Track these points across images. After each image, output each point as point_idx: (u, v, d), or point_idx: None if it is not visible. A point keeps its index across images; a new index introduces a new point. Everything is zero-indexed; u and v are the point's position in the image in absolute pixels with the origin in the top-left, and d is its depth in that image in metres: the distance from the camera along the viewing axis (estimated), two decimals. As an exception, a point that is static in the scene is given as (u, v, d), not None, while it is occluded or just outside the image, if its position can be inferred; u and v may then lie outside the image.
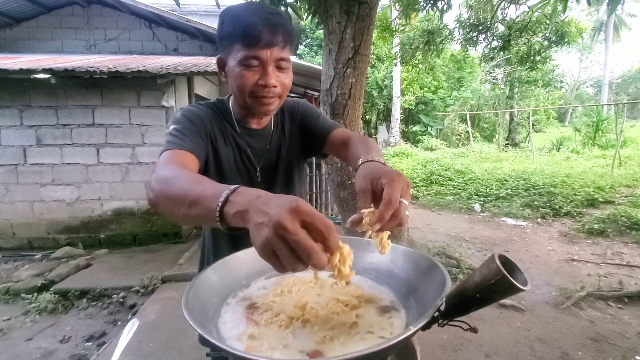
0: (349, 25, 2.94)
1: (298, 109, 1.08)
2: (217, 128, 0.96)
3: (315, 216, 0.45)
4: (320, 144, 1.02)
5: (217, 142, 0.95)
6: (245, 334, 0.64)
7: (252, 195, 0.51)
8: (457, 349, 2.38)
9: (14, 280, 3.53)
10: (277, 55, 0.83)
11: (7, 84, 4.27)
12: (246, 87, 0.85)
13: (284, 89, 0.89)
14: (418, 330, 0.55)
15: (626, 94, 26.96)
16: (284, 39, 0.83)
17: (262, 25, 0.80)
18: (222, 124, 0.97)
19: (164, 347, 2.43)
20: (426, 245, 4.23)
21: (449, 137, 14.61)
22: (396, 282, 0.79)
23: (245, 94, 0.87)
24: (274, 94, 0.88)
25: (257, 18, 0.81)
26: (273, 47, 0.82)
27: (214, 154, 0.95)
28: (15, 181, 4.49)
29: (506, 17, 6.18)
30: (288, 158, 1.04)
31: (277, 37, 0.82)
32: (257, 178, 0.99)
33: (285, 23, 0.84)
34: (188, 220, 0.64)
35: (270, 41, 0.81)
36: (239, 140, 0.98)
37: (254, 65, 0.83)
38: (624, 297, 3.01)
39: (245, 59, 0.82)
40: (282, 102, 0.93)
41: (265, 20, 0.81)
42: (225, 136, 0.97)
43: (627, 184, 6.70)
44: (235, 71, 0.85)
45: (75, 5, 6.06)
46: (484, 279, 0.53)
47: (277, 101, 0.90)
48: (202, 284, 0.71)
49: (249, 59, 0.82)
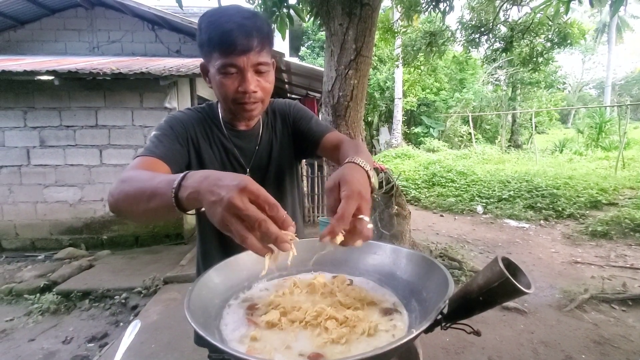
0: (351, 27, 2.95)
1: (289, 110, 1.07)
2: (202, 132, 0.96)
3: (261, 194, 0.50)
4: (313, 147, 1.02)
5: (200, 146, 0.95)
6: (247, 335, 0.64)
7: (202, 177, 0.54)
8: (459, 352, 2.37)
9: (17, 281, 3.55)
10: (255, 60, 0.83)
11: (11, 85, 4.29)
12: (227, 94, 0.86)
13: (265, 92, 0.89)
14: (421, 333, 0.54)
15: (629, 96, 26.84)
16: (260, 43, 0.82)
17: (236, 32, 0.79)
18: (209, 127, 0.98)
19: (166, 348, 2.43)
20: (428, 247, 4.22)
21: (451, 138, 14.57)
22: (398, 284, 0.79)
23: (228, 101, 0.88)
24: (256, 99, 0.87)
25: (232, 24, 0.80)
26: (249, 52, 0.81)
27: (197, 157, 0.95)
28: (19, 182, 4.51)
29: (508, 19, 6.18)
30: (279, 158, 1.03)
31: (252, 42, 0.81)
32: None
33: (261, 26, 0.83)
34: (148, 215, 0.66)
35: (245, 47, 0.81)
36: (225, 142, 0.98)
37: (232, 72, 0.83)
38: (628, 300, 2.99)
39: (223, 66, 0.83)
40: (265, 105, 0.93)
41: (240, 26, 0.80)
42: (212, 139, 0.97)
43: (630, 185, 6.66)
44: (216, 79, 0.85)
45: (78, 8, 6.09)
46: (487, 281, 0.52)
47: (260, 105, 0.90)
48: (204, 285, 0.71)
49: (226, 67, 0.82)
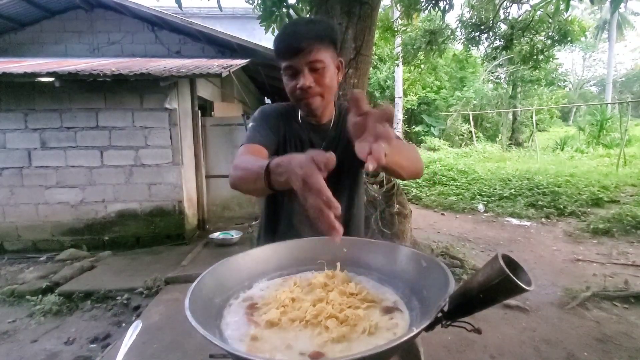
0: (351, 26, 2.95)
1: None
2: (284, 124, 1.08)
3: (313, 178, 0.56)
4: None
5: (284, 136, 1.08)
6: (247, 335, 0.64)
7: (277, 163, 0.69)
8: (461, 350, 2.36)
9: (19, 282, 3.55)
10: (307, 59, 0.93)
11: (11, 87, 4.30)
12: (290, 92, 0.99)
13: (323, 87, 0.97)
14: (421, 331, 0.54)
15: (630, 93, 26.77)
16: (310, 43, 0.92)
17: (290, 38, 0.94)
18: (289, 120, 1.09)
19: (168, 348, 2.43)
20: (429, 245, 4.22)
21: (452, 137, 14.55)
22: (399, 283, 0.79)
23: (292, 98, 1.00)
24: (313, 94, 0.97)
25: (289, 32, 0.95)
26: (300, 54, 0.92)
27: (283, 143, 1.07)
28: (20, 184, 4.52)
29: (508, 17, 6.17)
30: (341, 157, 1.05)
31: (303, 44, 0.92)
32: None
33: (311, 29, 0.95)
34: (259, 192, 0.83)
35: (297, 49, 0.92)
36: (302, 133, 1.08)
37: (291, 73, 0.96)
38: (630, 297, 2.98)
39: (285, 69, 0.97)
40: (326, 99, 1.01)
41: (293, 33, 0.94)
42: (291, 131, 1.08)
43: (632, 183, 6.65)
44: (284, 80, 0.99)
45: (78, 10, 6.10)
46: (487, 279, 0.52)
47: (319, 99, 0.99)
48: (204, 285, 0.71)
49: (286, 69, 0.96)
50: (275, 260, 0.89)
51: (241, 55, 6.07)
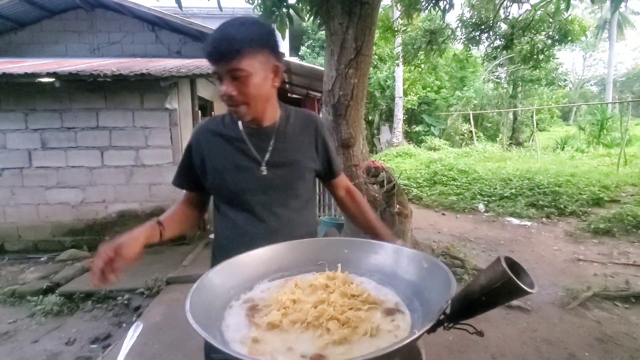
0: (351, 26, 2.94)
1: (317, 123, 1.13)
2: (214, 137, 1.05)
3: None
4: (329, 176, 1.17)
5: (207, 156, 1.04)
6: (248, 337, 0.64)
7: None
8: (462, 351, 2.36)
9: (20, 283, 3.55)
10: (229, 67, 0.89)
11: (12, 88, 4.30)
12: (220, 96, 0.95)
13: (246, 96, 0.92)
14: (423, 333, 0.54)
15: (631, 92, 26.72)
16: (233, 51, 0.87)
17: (215, 42, 0.88)
18: (224, 130, 1.05)
19: (169, 348, 2.43)
20: (430, 245, 4.21)
21: (452, 137, 14.52)
22: (400, 284, 0.79)
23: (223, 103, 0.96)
24: (236, 102, 0.93)
25: (214, 36, 0.89)
26: (222, 60, 0.89)
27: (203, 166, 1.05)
28: (21, 184, 4.52)
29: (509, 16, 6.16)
30: (293, 158, 1.06)
31: (226, 50, 0.87)
32: (261, 172, 1.03)
33: (237, 35, 0.88)
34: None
35: (221, 56, 0.88)
36: (240, 140, 1.04)
37: (217, 78, 0.93)
38: (631, 297, 2.98)
39: (213, 73, 0.94)
40: (254, 108, 0.96)
41: (217, 38, 0.88)
42: (227, 140, 1.04)
43: (632, 182, 6.63)
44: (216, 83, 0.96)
45: (78, 10, 6.10)
46: (489, 281, 0.52)
47: (244, 107, 0.94)
48: (205, 287, 0.71)
49: (214, 74, 0.93)
50: (276, 261, 0.89)
51: (241, 55, 6.06)
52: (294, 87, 7.68)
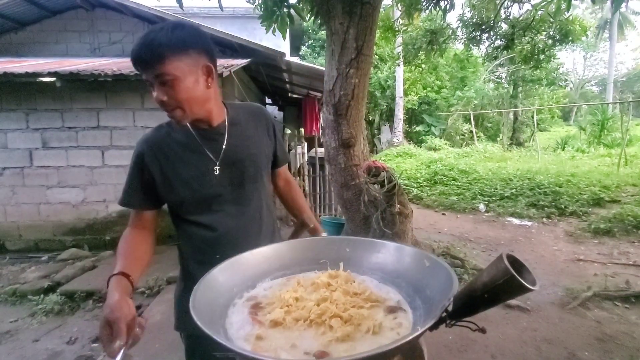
0: (352, 26, 2.94)
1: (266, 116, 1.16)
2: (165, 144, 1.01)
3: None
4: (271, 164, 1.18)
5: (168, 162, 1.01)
6: (252, 334, 0.64)
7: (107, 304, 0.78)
8: (462, 350, 2.36)
9: (21, 282, 3.56)
10: (155, 73, 0.87)
11: (13, 87, 4.30)
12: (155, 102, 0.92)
13: (178, 100, 0.90)
14: (425, 330, 0.55)
15: (631, 92, 26.69)
16: (157, 55, 0.85)
17: (138, 48, 0.86)
18: (174, 135, 1.02)
19: (170, 347, 2.43)
20: (430, 245, 4.21)
21: (453, 137, 14.52)
22: (402, 282, 0.79)
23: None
24: (170, 107, 0.91)
25: (138, 42, 0.87)
26: (147, 66, 0.87)
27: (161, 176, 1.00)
28: (22, 184, 4.52)
29: (509, 16, 6.15)
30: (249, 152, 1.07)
31: (149, 56, 0.85)
32: (214, 172, 1.02)
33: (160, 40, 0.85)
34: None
35: (144, 62, 0.86)
36: (193, 142, 1.02)
37: (148, 85, 0.90)
38: (631, 297, 2.98)
39: (145, 81, 0.90)
40: (188, 111, 0.93)
41: (140, 44, 0.86)
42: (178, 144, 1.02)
43: (633, 182, 6.63)
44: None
45: (79, 9, 6.10)
46: (492, 279, 0.52)
47: (179, 111, 0.92)
48: (208, 285, 0.72)
49: (145, 82, 0.90)
50: (278, 260, 0.89)
51: (242, 55, 6.07)
52: (295, 87, 7.68)
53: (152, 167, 1.00)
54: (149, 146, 1.01)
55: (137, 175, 1.02)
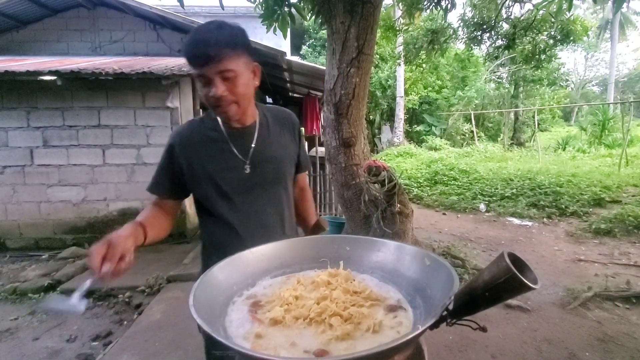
0: (353, 25, 2.94)
1: (293, 122, 1.19)
2: (197, 139, 1.05)
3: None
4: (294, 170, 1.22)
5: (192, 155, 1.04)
6: (251, 332, 0.64)
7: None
8: (462, 350, 2.36)
9: (21, 280, 3.56)
10: (218, 69, 0.91)
11: (14, 85, 4.31)
12: (206, 100, 0.96)
13: (236, 95, 0.95)
14: (426, 329, 0.54)
15: (632, 93, 26.64)
16: (219, 53, 0.90)
17: (199, 46, 0.90)
18: (206, 132, 1.06)
19: (170, 346, 2.43)
20: (431, 245, 4.21)
21: (453, 136, 14.51)
22: (402, 281, 0.79)
23: (209, 105, 0.98)
24: (227, 102, 0.95)
25: (197, 39, 0.91)
26: (210, 62, 0.90)
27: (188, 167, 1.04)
28: (23, 182, 4.53)
29: (511, 16, 6.14)
30: (280, 157, 1.12)
31: (213, 52, 0.89)
32: (245, 170, 1.05)
33: (223, 37, 0.91)
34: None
35: (207, 58, 0.90)
36: (222, 140, 1.05)
37: (204, 81, 0.94)
38: (632, 298, 2.98)
39: (197, 77, 0.94)
40: (243, 106, 0.99)
41: (202, 41, 0.90)
42: (210, 141, 1.05)
43: (634, 183, 6.62)
44: (198, 86, 0.98)
45: (80, 8, 6.10)
46: (493, 277, 0.52)
47: (235, 107, 0.97)
48: (208, 282, 0.72)
49: (198, 77, 0.94)
50: (278, 258, 0.89)
51: (243, 54, 6.06)
52: (295, 86, 7.68)
53: (182, 159, 1.04)
54: (180, 139, 1.05)
55: (167, 166, 1.06)
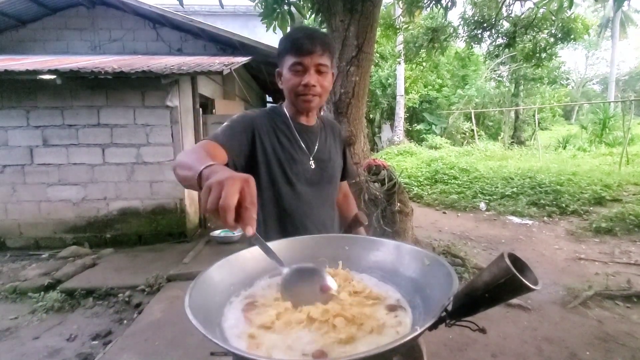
0: (352, 24, 2.93)
1: (339, 130, 1.31)
2: (267, 126, 1.11)
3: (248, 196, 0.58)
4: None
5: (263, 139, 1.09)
6: (246, 333, 0.63)
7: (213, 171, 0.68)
8: (462, 349, 2.36)
9: (21, 280, 3.56)
10: (317, 61, 1.03)
11: (13, 85, 4.30)
12: (293, 87, 1.05)
13: (323, 89, 1.07)
14: (425, 330, 0.54)
15: (633, 91, 26.61)
16: (322, 48, 1.03)
17: (304, 38, 1.03)
18: (275, 122, 1.13)
19: (170, 345, 2.43)
20: (431, 244, 4.21)
21: (454, 135, 14.49)
22: (402, 281, 0.78)
23: (293, 93, 1.07)
24: (315, 93, 1.06)
25: (301, 34, 1.05)
26: (313, 54, 1.02)
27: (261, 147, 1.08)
28: (22, 181, 4.53)
29: (511, 14, 6.12)
30: (335, 158, 1.23)
31: (316, 46, 1.02)
32: (310, 165, 1.14)
33: (324, 37, 1.06)
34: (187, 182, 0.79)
35: (310, 49, 1.02)
36: (291, 133, 1.13)
37: (299, 69, 1.04)
38: (633, 297, 2.97)
39: (293, 65, 1.04)
40: (322, 101, 1.11)
41: (307, 35, 1.04)
42: (278, 131, 1.12)
43: (634, 181, 6.60)
44: (286, 76, 1.07)
45: (80, 7, 6.10)
46: (493, 278, 0.51)
47: (317, 99, 1.08)
48: (205, 283, 0.71)
49: (295, 65, 1.03)
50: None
51: (243, 53, 6.06)
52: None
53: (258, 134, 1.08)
54: (260, 118, 1.11)
55: (243, 130, 1.06)
